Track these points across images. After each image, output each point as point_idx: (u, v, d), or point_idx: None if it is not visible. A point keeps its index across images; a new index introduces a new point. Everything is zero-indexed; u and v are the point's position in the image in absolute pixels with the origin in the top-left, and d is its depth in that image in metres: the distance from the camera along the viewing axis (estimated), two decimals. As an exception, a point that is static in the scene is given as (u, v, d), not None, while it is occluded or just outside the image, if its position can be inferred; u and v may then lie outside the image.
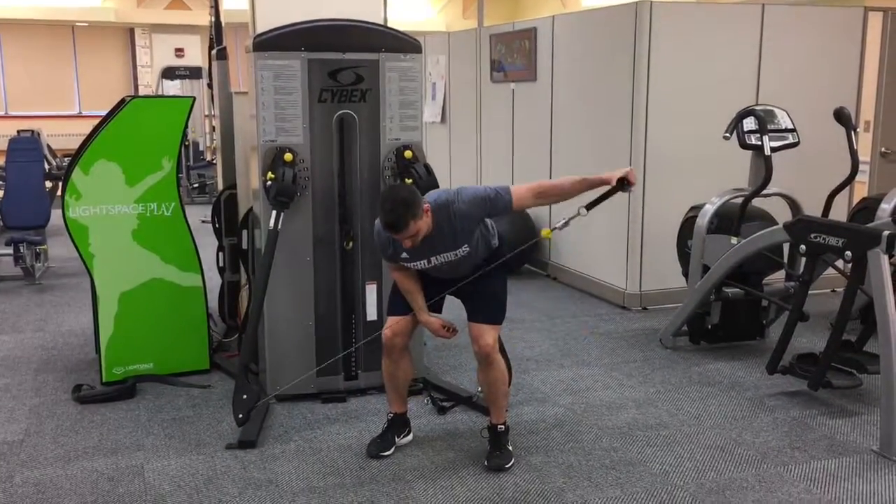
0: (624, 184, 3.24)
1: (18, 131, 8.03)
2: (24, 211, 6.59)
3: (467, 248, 3.15)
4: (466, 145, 7.80)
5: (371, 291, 3.98)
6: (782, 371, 4.10)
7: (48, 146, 8.60)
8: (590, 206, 3.33)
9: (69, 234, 4.07)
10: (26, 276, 6.48)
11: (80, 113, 17.01)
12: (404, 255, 3.15)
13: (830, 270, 4.72)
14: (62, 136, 12.95)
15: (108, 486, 3.15)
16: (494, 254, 3.30)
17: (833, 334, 3.89)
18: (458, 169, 8.03)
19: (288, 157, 3.71)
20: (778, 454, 3.45)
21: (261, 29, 3.82)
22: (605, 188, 3.29)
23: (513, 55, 6.81)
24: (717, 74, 5.48)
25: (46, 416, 3.83)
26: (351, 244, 3.89)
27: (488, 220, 3.28)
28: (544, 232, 3.25)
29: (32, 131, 8.08)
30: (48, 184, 7.28)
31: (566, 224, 3.28)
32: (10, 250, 6.38)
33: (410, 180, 3.81)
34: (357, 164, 3.89)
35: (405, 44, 3.90)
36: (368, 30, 3.85)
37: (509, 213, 3.23)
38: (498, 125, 7.15)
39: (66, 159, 8.28)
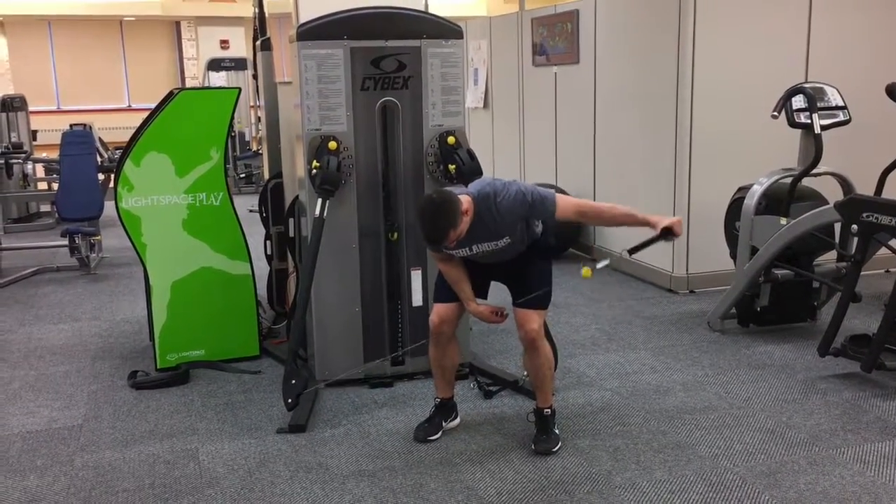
0: (668, 233, 3.16)
1: (71, 125, 8.22)
2: (78, 203, 6.76)
3: (508, 240, 3.15)
4: (509, 130, 7.78)
5: (416, 277, 4.01)
6: (834, 353, 4.04)
7: (100, 139, 8.79)
8: (633, 251, 3.25)
9: (122, 224, 4.17)
10: (82, 267, 6.66)
11: (130, 106, 17.35)
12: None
13: (883, 250, 4.61)
14: (113, 129, 13.22)
15: (165, 469, 3.24)
16: (538, 240, 3.29)
17: (887, 315, 3.81)
18: (501, 154, 8.02)
19: (332, 145, 3.75)
20: (830, 437, 3.40)
21: (304, 18, 3.85)
22: (651, 234, 3.20)
23: (555, 38, 6.77)
24: (764, 51, 5.37)
25: (104, 401, 3.95)
26: (395, 234, 3.92)
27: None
28: (584, 271, 3.15)
29: (84, 125, 8.27)
30: (101, 176, 7.45)
31: (607, 265, 3.20)
32: (65, 241, 6.56)
33: (454, 166, 3.82)
34: (400, 150, 3.91)
35: (446, 29, 3.90)
36: (410, 16, 3.86)
37: (551, 221, 3.18)
38: (540, 109, 7.12)
39: (117, 152, 8.46)
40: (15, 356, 4.64)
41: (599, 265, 3.16)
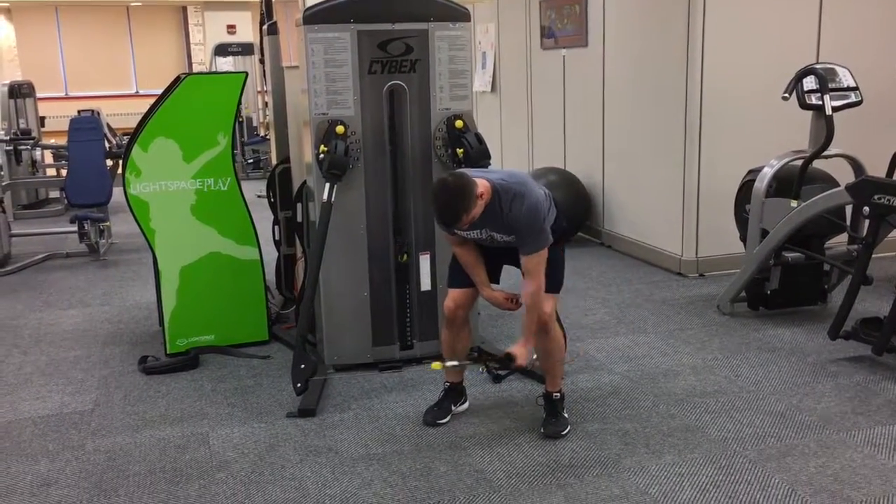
0: (510, 358, 3.21)
1: (79, 111, 8.23)
2: (87, 189, 6.77)
3: (513, 238, 3.15)
4: (517, 114, 7.74)
5: (424, 261, 4.00)
6: (845, 336, 4.02)
7: (108, 125, 8.80)
8: (488, 362, 3.51)
9: (131, 210, 4.18)
10: (91, 253, 6.68)
11: (137, 92, 17.36)
12: None
13: (895, 233, 4.58)
14: (121, 115, 13.24)
15: (176, 454, 3.26)
16: (553, 224, 3.26)
17: (898, 298, 3.79)
18: (509, 137, 7.99)
19: (340, 129, 3.74)
20: (841, 420, 3.39)
21: (310, 2, 3.83)
22: (503, 353, 3.31)
23: (563, 20, 6.72)
24: (775, 32, 5.32)
25: (115, 386, 3.97)
26: (404, 253, 3.93)
27: (545, 191, 3.26)
28: (434, 364, 3.34)
29: (92, 111, 8.28)
30: (109, 162, 7.46)
31: (455, 365, 3.40)
32: (75, 227, 6.58)
33: (461, 150, 3.81)
34: (408, 134, 3.89)
35: (454, 12, 3.87)
36: (417, -1, 3.83)
37: (521, 253, 3.14)
38: (549, 92, 7.08)
39: (125, 138, 8.47)
40: (26, 342, 4.67)
41: (448, 363, 3.36)
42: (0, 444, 3.38)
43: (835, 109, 4.32)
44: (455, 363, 3.40)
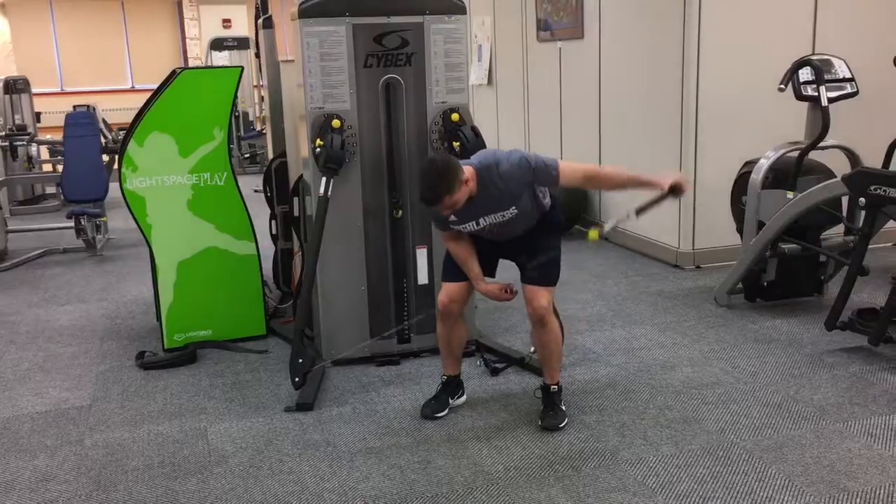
0: (675, 190, 3.19)
1: (74, 107, 8.21)
2: (83, 184, 6.76)
3: (515, 210, 3.13)
4: (514, 107, 7.74)
5: (421, 255, 4.01)
6: (841, 327, 4.03)
7: (104, 120, 8.78)
8: (640, 211, 3.30)
9: (127, 205, 4.17)
10: (88, 248, 6.68)
11: (133, 87, 17.30)
12: (452, 217, 3.16)
13: (891, 223, 4.59)
14: (116, 110, 13.20)
15: (174, 448, 3.26)
16: (547, 216, 3.28)
17: (894, 288, 3.80)
18: (505, 130, 7.98)
19: (336, 123, 3.73)
20: (837, 410, 3.40)
21: (305, -4, 3.82)
22: (656, 193, 3.23)
23: (559, 13, 6.71)
24: (771, 23, 5.32)
25: (112, 381, 3.97)
26: (400, 212, 3.91)
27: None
28: (591, 234, 3.27)
29: (88, 106, 8.27)
30: (105, 157, 7.44)
31: (614, 227, 3.33)
32: (71, 223, 6.57)
33: (458, 143, 3.80)
34: (404, 128, 3.89)
35: (449, 5, 3.86)
36: (412, -9, 3.82)
37: (554, 188, 3.19)
38: (545, 85, 7.08)
39: (121, 133, 8.45)
40: (23, 338, 4.67)
41: (607, 227, 3.24)
42: (-2, 440, 3.39)
43: (831, 101, 4.32)
44: (614, 223, 3.41)
